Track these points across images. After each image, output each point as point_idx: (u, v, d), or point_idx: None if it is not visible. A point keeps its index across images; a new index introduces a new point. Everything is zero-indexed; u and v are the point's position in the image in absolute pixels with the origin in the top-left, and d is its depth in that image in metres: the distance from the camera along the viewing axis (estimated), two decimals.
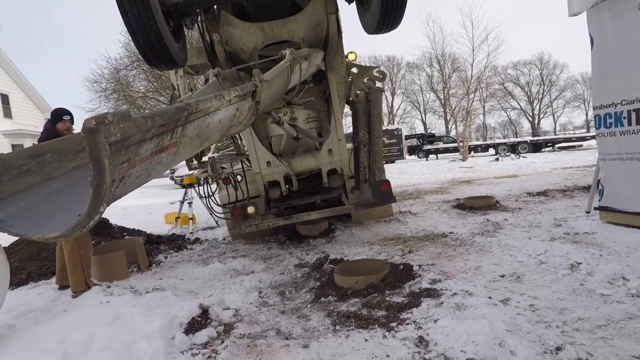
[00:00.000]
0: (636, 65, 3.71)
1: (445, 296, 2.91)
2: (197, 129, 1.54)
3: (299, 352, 2.42)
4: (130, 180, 1.17)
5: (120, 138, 1.02)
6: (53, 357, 2.16)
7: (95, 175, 0.97)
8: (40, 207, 1.35)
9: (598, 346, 2.04)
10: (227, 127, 1.97)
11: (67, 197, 1.38)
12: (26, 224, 1.24)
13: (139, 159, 1.15)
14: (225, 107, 1.81)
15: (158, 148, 1.26)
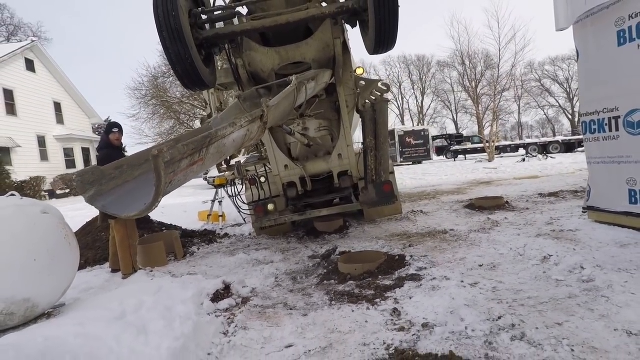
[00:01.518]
0: (614, 76, 4.05)
1: (426, 280, 3.45)
2: (217, 148, 2.19)
3: (299, 318, 3.05)
4: (174, 183, 1.86)
5: (169, 159, 1.71)
6: (114, 313, 2.91)
7: (157, 181, 1.66)
8: (123, 199, 2.12)
9: (532, 316, 2.53)
10: (240, 144, 2.63)
11: (137, 193, 2.11)
12: (116, 209, 2.05)
13: (180, 170, 1.83)
14: (238, 131, 2.45)
15: (191, 162, 1.93)
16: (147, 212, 1.81)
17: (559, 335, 2.24)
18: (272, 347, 2.63)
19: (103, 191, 2.13)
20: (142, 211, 1.80)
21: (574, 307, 2.60)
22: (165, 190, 1.73)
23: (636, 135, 3.89)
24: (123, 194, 2.16)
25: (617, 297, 2.61)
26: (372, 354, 2.35)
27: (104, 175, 2.19)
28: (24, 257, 3.07)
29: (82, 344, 2.37)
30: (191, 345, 2.53)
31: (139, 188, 2.20)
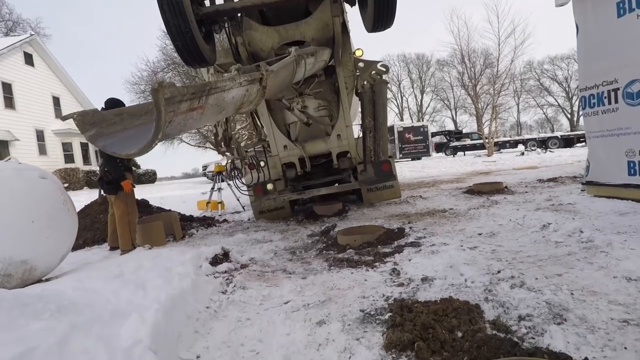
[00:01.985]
0: (613, 49, 4.05)
1: (425, 246, 3.45)
2: (216, 100, 2.17)
3: (298, 280, 3.04)
4: (174, 126, 1.83)
5: (169, 96, 1.69)
6: (113, 273, 2.90)
7: (156, 114, 1.65)
8: (123, 142, 2.13)
9: (531, 269, 2.53)
10: (239, 103, 2.59)
11: (137, 139, 2.12)
12: (116, 148, 2.07)
13: (180, 111, 1.82)
14: (237, 88, 2.41)
15: (190, 107, 1.92)
16: (147, 149, 1.79)
17: (558, 283, 2.24)
18: (271, 304, 2.62)
19: (103, 133, 2.17)
20: (142, 148, 1.79)
21: (573, 262, 2.60)
22: (165, 130, 1.70)
23: (635, 106, 3.89)
24: (123, 138, 2.16)
25: (616, 252, 2.61)
26: (371, 304, 2.34)
27: (104, 119, 2.22)
28: (21, 217, 3.06)
29: (80, 295, 2.36)
30: (189, 299, 2.52)
31: (139, 135, 2.18)
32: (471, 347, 1.67)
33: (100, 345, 1.67)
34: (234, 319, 2.40)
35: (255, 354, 1.94)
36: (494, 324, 1.86)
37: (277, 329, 2.18)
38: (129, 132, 2.24)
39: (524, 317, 1.88)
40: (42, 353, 1.48)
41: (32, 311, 1.76)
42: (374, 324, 2.07)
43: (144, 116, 2.40)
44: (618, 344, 1.58)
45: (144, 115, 2.40)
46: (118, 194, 4.95)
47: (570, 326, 1.75)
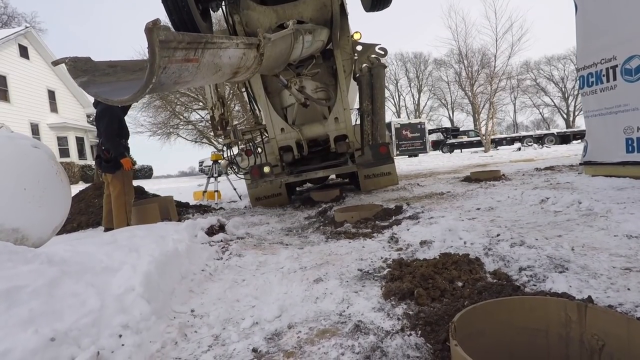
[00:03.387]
0: (612, 26, 4.04)
1: (423, 219, 3.41)
2: (212, 56, 2.08)
3: (295, 250, 3.00)
4: (168, 74, 1.74)
5: (164, 39, 1.61)
6: (107, 240, 2.84)
7: (150, 56, 1.57)
8: (115, 92, 2.05)
9: (531, 233, 2.50)
10: (236, 66, 2.51)
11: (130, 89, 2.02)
12: (109, 95, 1.96)
13: (174, 59, 1.73)
14: (234, 49, 2.35)
15: (186, 57, 1.82)
16: (140, 95, 1.70)
17: (559, 242, 2.22)
18: (267, 268, 2.57)
19: (96, 82, 2.09)
20: (135, 94, 1.70)
21: (573, 226, 2.57)
22: (160, 75, 1.63)
23: (634, 82, 3.88)
24: (115, 88, 2.11)
25: (616, 216, 2.59)
26: (369, 265, 2.31)
27: (97, 68, 2.15)
28: (13, 184, 2.98)
29: (72, 255, 2.30)
30: (184, 261, 2.47)
31: (132, 86, 2.07)
32: (472, 293, 1.64)
33: (91, 290, 1.62)
34: (229, 280, 2.36)
35: (250, 307, 1.89)
36: (495, 274, 1.82)
37: (274, 288, 2.14)
38: (122, 85, 2.18)
39: (525, 268, 1.85)
40: (30, 291, 1.43)
41: (21, 258, 1.71)
42: (372, 280, 2.03)
43: (138, 72, 2.32)
44: (621, 286, 1.55)
45: (138, 72, 2.33)
46: (115, 174, 4.88)
47: (572, 274, 1.72)
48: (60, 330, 1.29)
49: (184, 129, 28.01)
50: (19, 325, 1.25)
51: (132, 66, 2.38)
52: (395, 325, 1.50)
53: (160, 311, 1.74)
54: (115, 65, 2.29)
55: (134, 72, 2.33)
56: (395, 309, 1.64)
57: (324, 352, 1.36)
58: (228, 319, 1.76)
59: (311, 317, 1.68)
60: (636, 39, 3.80)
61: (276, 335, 1.54)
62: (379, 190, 7.14)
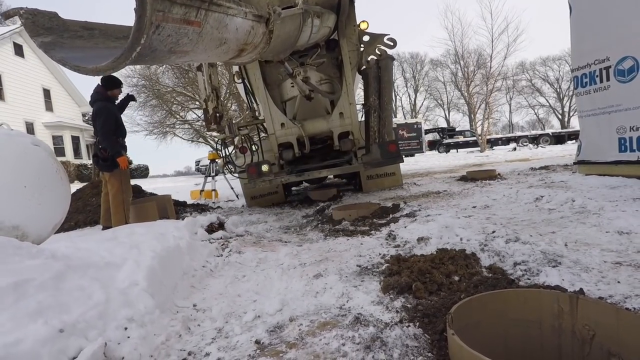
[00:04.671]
0: (605, 26, 4.11)
1: (420, 217, 3.45)
2: (217, 22, 1.73)
3: (294, 247, 3.04)
4: (163, 35, 1.36)
5: None
6: (107, 237, 2.87)
7: (139, 5, 1.20)
8: (91, 59, 1.65)
9: (525, 229, 2.56)
10: (242, 41, 2.13)
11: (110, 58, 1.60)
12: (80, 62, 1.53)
13: (170, 16, 1.36)
14: (242, 18, 1.98)
15: (186, 18, 1.47)
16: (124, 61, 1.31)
17: (552, 238, 2.27)
18: (267, 265, 2.61)
19: (64, 44, 1.70)
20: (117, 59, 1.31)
21: (567, 223, 2.64)
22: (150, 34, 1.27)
23: (626, 82, 3.95)
24: (90, 55, 1.75)
25: (608, 214, 2.65)
26: (367, 261, 2.35)
27: (66, 28, 1.75)
28: (13, 181, 3.00)
29: (74, 251, 2.33)
30: (185, 257, 2.50)
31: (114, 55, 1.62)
32: (468, 287, 1.68)
33: (96, 284, 1.65)
34: (230, 276, 2.39)
35: (252, 302, 1.93)
36: (490, 269, 1.88)
37: (274, 283, 2.18)
38: (99, 51, 1.82)
39: (519, 262, 1.91)
40: (38, 285, 1.46)
41: (26, 253, 1.73)
42: (371, 275, 2.08)
43: (122, 40, 1.91)
44: (612, 280, 1.60)
45: (122, 39, 1.91)
46: (113, 172, 4.89)
47: (564, 268, 1.77)
48: (68, 322, 1.33)
49: (180, 128, 27.95)
50: (29, 316, 1.28)
51: (115, 32, 1.97)
52: (394, 317, 1.54)
53: (163, 305, 1.78)
54: (92, 27, 1.87)
55: (116, 40, 1.94)
56: (394, 302, 1.68)
57: (325, 343, 1.40)
58: (230, 313, 1.79)
59: (312, 310, 1.72)
60: (629, 40, 3.87)
61: (278, 328, 1.58)
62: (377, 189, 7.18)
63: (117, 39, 1.92)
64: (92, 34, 1.88)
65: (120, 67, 1.34)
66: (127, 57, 1.28)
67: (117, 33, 1.96)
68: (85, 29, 1.85)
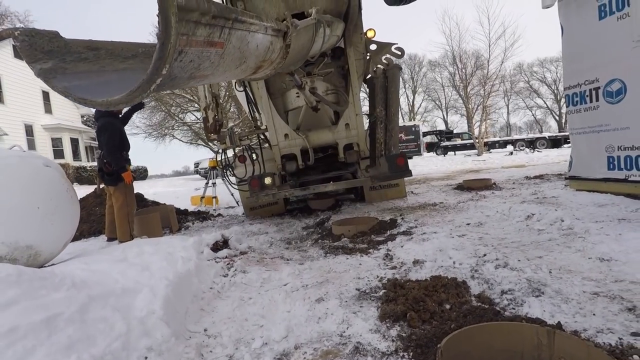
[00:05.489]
0: (595, 49, 4.27)
1: (416, 235, 3.62)
2: (240, 40, 1.61)
3: (296, 265, 3.19)
4: (185, 61, 1.23)
5: (184, 5, 1.12)
6: (117, 257, 3.00)
7: (162, 31, 1.07)
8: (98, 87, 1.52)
9: (515, 253, 2.72)
10: (261, 58, 2.05)
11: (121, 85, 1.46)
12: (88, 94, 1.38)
13: (194, 39, 1.24)
14: (263, 35, 1.90)
15: (209, 39, 1.34)
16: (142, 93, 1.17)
17: (538, 264, 2.43)
18: (271, 285, 2.76)
19: (67, 70, 1.53)
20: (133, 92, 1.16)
21: (553, 246, 2.79)
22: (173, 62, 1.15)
23: (614, 104, 4.12)
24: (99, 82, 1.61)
25: (593, 237, 2.81)
26: (366, 284, 2.50)
27: (68, 50, 1.57)
28: (27, 204, 3.14)
29: (88, 275, 2.47)
30: (194, 280, 2.65)
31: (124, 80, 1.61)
32: (458, 316, 1.84)
33: (117, 315, 1.80)
34: (236, 298, 2.54)
35: (259, 327, 2.08)
36: (479, 297, 2.03)
37: (279, 307, 2.33)
38: (109, 76, 1.68)
39: (506, 291, 2.06)
40: (66, 318, 1.61)
41: (50, 284, 1.87)
42: (369, 300, 2.23)
43: (131, 60, 1.80)
44: (588, 312, 1.76)
45: (131, 60, 1.80)
46: (118, 186, 5.03)
47: (547, 298, 1.93)
48: (97, 355, 1.47)
49: (179, 130, 28.04)
50: (61, 352, 1.43)
51: (123, 50, 1.82)
52: (390, 346, 1.69)
53: (177, 332, 1.92)
54: (98, 47, 1.69)
55: (125, 60, 1.80)
56: (390, 330, 1.83)
57: None
58: (239, 339, 1.94)
59: (315, 337, 1.87)
60: (617, 64, 4.03)
61: (284, 356, 1.73)
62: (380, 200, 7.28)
63: (125, 58, 1.77)
64: (98, 55, 1.69)
65: (136, 100, 1.21)
66: (144, 90, 1.16)
67: (126, 52, 1.80)
68: (90, 50, 1.66)
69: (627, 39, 3.86)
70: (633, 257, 2.33)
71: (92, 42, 1.71)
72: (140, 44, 1.88)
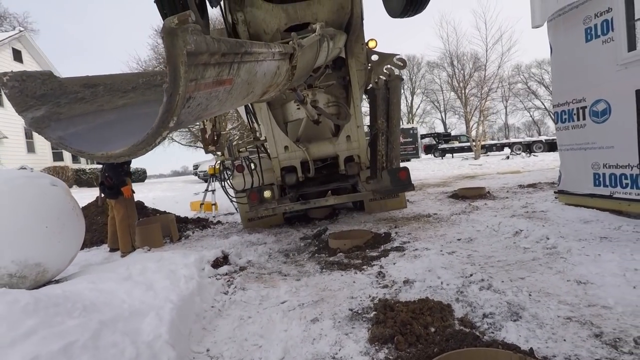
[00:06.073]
0: (582, 70, 4.44)
1: (408, 251, 3.78)
2: (248, 72, 1.54)
3: (293, 282, 3.35)
4: (193, 106, 1.17)
5: (194, 50, 1.04)
6: (122, 275, 3.15)
7: (171, 82, 1.00)
8: (97, 132, 1.40)
9: (499, 273, 2.88)
10: (268, 84, 1.99)
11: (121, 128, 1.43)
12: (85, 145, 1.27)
13: (203, 83, 1.16)
14: (270, 61, 1.84)
15: (218, 79, 1.27)
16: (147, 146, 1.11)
17: (520, 286, 2.59)
18: (270, 303, 2.91)
19: (61, 116, 1.39)
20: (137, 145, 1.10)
21: (536, 266, 2.95)
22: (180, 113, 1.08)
23: (600, 123, 4.28)
24: (97, 126, 1.48)
25: (574, 258, 2.97)
26: (358, 304, 2.66)
27: (63, 91, 1.45)
28: (36, 223, 3.29)
29: (97, 295, 2.62)
30: (196, 299, 2.80)
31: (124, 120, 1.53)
32: (441, 340, 1.99)
33: (126, 339, 1.95)
34: (236, 317, 2.69)
35: (258, 347, 2.23)
36: (462, 321, 2.18)
37: (276, 326, 2.48)
38: (107, 116, 1.54)
39: (488, 314, 2.22)
40: (81, 346, 1.76)
41: (64, 310, 2.02)
42: (361, 321, 2.38)
43: (132, 93, 1.70)
44: (559, 337, 1.92)
45: (132, 93, 1.70)
46: (118, 199, 5.18)
47: (524, 322, 2.08)
48: None
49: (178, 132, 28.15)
50: None
51: (122, 83, 1.70)
52: None
53: (182, 354, 2.08)
54: (95, 83, 1.58)
55: (124, 94, 1.68)
56: (379, 353, 1.99)
57: None
58: None
59: (309, 359, 2.02)
60: (602, 85, 4.20)
61: None
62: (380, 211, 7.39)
63: (124, 92, 1.66)
64: (96, 93, 1.57)
65: (139, 154, 1.13)
66: (149, 143, 1.09)
67: (125, 84, 1.69)
68: (86, 88, 1.55)
69: (612, 63, 4.03)
70: (608, 280, 2.49)
71: (89, 78, 1.59)
72: (141, 74, 1.81)
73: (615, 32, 3.96)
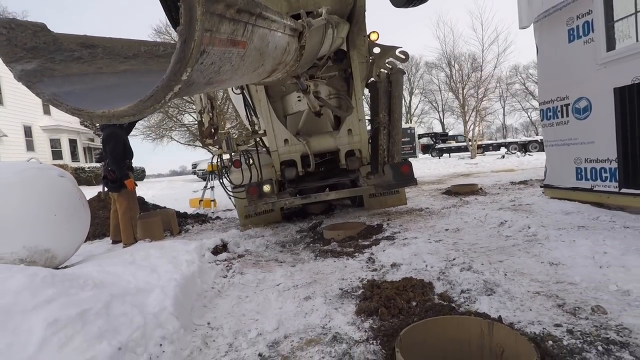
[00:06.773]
0: (565, 69, 4.65)
1: (398, 240, 3.99)
2: (261, 40, 1.45)
3: (289, 268, 3.55)
4: (206, 64, 1.05)
5: None
6: (127, 260, 3.35)
7: (186, 24, 0.89)
8: (95, 93, 1.30)
9: (480, 257, 3.08)
10: (278, 60, 1.89)
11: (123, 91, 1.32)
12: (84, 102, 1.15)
13: (218, 38, 1.06)
14: (282, 34, 1.76)
15: (232, 37, 1.17)
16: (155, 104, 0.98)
17: (497, 267, 2.79)
18: (266, 285, 3.11)
19: (56, 73, 1.29)
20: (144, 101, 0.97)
21: (515, 251, 3.16)
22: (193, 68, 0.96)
23: (582, 119, 4.50)
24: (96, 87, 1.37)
25: (550, 243, 3.18)
26: (348, 284, 2.86)
27: (57, 46, 1.33)
28: (45, 212, 3.48)
29: (104, 276, 2.81)
30: (197, 281, 2.99)
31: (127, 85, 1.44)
32: (421, 312, 2.20)
33: (135, 310, 2.14)
34: (235, 296, 2.89)
35: (254, 321, 2.43)
36: (441, 296, 2.39)
37: (272, 304, 2.68)
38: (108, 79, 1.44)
39: (465, 290, 2.42)
40: (95, 313, 1.95)
41: (77, 284, 2.22)
42: (350, 298, 2.59)
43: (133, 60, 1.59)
44: (526, 307, 2.12)
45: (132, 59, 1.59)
46: (121, 192, 5.36)
47: (496, 296, 2.29)
48: (123, 342, 1.82)
49: (177, 131, 28.31)
50: (94, 339, 1.77)
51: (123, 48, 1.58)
52: (362, 336, 2.05)
53: (185, 325, 2.27)
54: (94, 44, 1.45)
55: (125, 60, 1.57)
56: (364, 323, 2.19)
57: (309, 356, 1.91)
58: (238, 331, 2.29)
59: (301, 329, 2.22)
60: (583, 83, 4.41)
61: (275, 344, 2.08)
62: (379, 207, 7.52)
63: (125, 58, 1.54)
64: (94, 54, 1.43)
65: (147, 112, 1.01)
66: (158, 100, 0.95)
67: (126, 50, 1.57)
68: (84, 47, 1.40)
69: (592, 62, 4.24)
70: (578, 261, 2.70)
71: (88, 37, 1.43)
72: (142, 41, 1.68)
73: (595, 33, 4.18)
